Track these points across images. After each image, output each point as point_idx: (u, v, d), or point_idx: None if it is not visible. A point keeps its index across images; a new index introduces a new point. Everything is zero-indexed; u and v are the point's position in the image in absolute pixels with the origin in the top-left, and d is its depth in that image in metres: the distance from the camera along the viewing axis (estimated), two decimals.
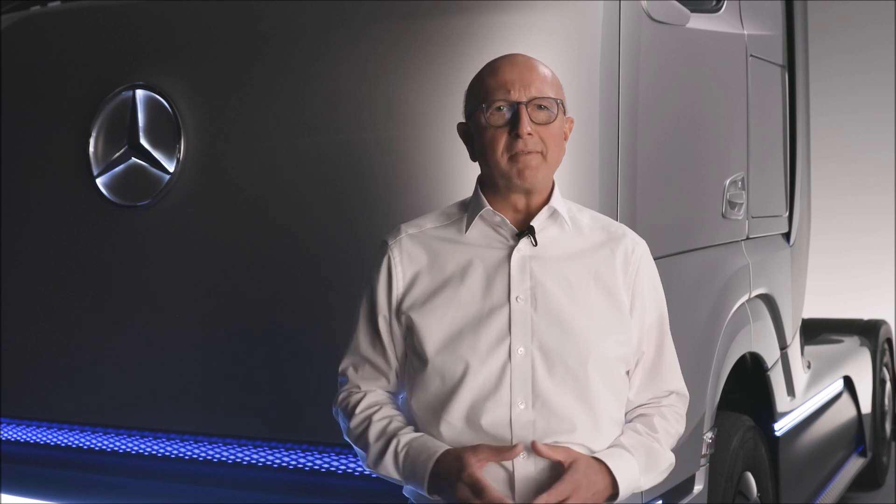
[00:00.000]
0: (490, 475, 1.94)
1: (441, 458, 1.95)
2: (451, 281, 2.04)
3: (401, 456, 2.00)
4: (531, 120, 1.98)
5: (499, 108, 1.99)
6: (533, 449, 1.93)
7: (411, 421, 2.08)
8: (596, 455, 1.98)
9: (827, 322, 6.09)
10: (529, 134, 1.97)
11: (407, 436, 2.03)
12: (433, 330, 2.02)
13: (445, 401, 2.00)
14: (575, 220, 2.10)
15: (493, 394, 1.97)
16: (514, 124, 1.97)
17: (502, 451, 1.93)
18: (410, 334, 2.06)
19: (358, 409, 2.09)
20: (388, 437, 2.04)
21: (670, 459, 2.10)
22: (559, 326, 1.99)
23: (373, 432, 2.05)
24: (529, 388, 1.97)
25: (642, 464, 2.02)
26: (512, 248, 2.03)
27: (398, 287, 2.08)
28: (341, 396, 2.15)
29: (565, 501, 1.89)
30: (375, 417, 2.07)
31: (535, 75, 2.01)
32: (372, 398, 2.11)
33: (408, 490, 2.09)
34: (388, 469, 2.03)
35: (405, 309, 2.06)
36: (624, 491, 1.98)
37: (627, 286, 2.07)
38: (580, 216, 2.12)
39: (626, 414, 2.13)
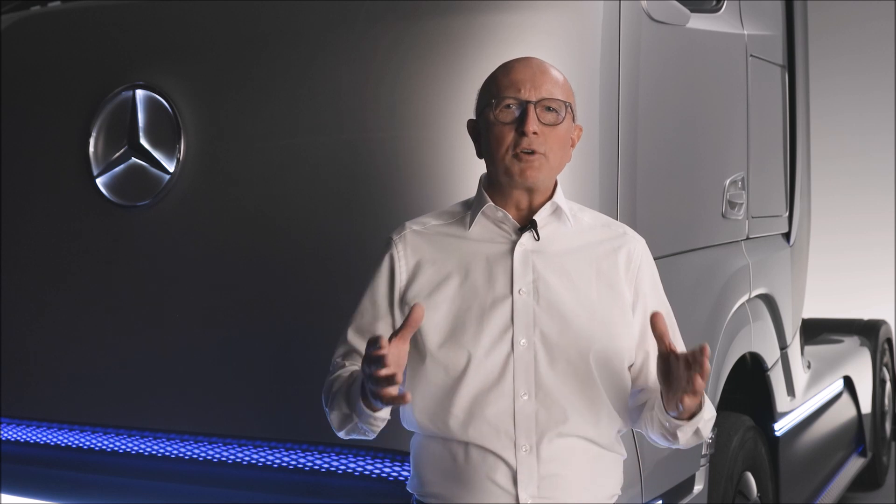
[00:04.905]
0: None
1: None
2: (454, 275, 2.05)
3: (346, 385, 2.00)
4: (538, 120, 2.00)
5: (508, 106, 2.02)
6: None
7: (410, 418, 2.07)
8: None
9: (827, 322, 6.09)
10: (535, 133, 1.99)
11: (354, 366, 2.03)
12: (436, 323, 2.02)
13: (450, 392, 2.00)
14: (577, 218, 2.11)
15: (497, 385, 1.99)
16: (520, 122, 2.00)
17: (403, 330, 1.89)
18: None
19: (333, 376, 2.09)
20: (346, 376, 2.03)
21: (712, 412, 2.07)
22: (561, 320, 2.00)
23: (337, 382, 2.05)
24: (532, 379, 1.99)
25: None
26: (514, 243, 2.05)
27: (401, 279, 2.09)
28: (327, 380, 2.14)
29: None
30: (344, 372, 2.07)
31: (547, 77, 2.04)
32: (351, 368, 2.10)
33: (412, 486, 2.11)
34: (341, 406, 2.00)
35: (408, 301, 2.07)
36: (702, 413, 1.96)
37: (630, 283, 2.08)
38: (581, 214, 2.14)
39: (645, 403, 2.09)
